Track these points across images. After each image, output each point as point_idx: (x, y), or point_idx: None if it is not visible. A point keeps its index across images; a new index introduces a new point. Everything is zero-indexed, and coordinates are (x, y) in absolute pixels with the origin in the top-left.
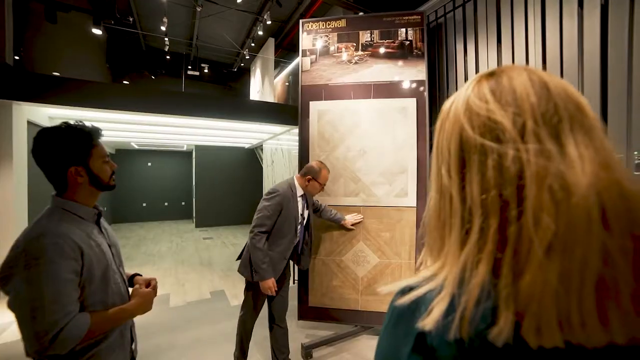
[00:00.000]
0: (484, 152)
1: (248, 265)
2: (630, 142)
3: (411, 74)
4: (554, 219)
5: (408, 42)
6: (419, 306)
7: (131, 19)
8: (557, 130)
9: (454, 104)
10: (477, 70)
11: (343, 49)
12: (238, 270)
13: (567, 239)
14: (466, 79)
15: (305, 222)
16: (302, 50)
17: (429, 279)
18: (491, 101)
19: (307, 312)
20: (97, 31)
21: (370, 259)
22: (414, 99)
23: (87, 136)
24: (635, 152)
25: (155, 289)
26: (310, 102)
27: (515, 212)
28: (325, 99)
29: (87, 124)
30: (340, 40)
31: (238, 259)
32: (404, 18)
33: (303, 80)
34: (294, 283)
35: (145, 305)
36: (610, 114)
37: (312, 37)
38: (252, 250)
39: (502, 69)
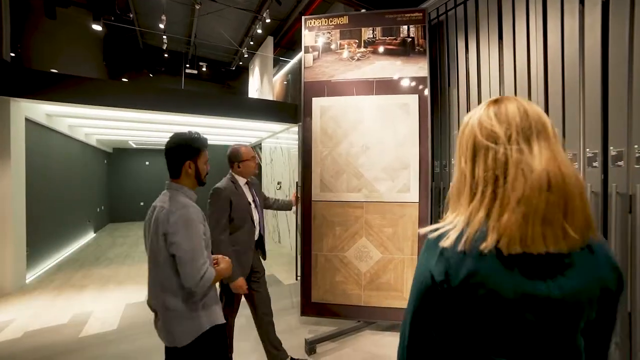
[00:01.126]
0: (487, 149)
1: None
2: (630, 137)
3: (412, 70)
4: (522, 186)
5: (410, 39)
6: (442, 236)
7: (131, 16)
8: (529, 138)
9: (471, 118)
10: (478, 67)
11: (345, 46)
12: None
13: (529, 196)
14: (467, 76)
15: (259, 209)
16: (305, 46)
17: (448, 223)
18: (494, 120)
19: (310, 308)
20: (97, 27)
21: (373, 254)
22: (416, 96)
23: (201, 143)
24: (636, 146)
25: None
26: (313, 99)
27: (502, 182)
28: (327, 95)
29: (201, 135)
30: (342, 37)
31: None
32: (406, 15)
33: (305, 77)
34: (296, 279)
35: (229, 270)
36: (611, 110)
37: (314, 33)
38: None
39: (501, 99)
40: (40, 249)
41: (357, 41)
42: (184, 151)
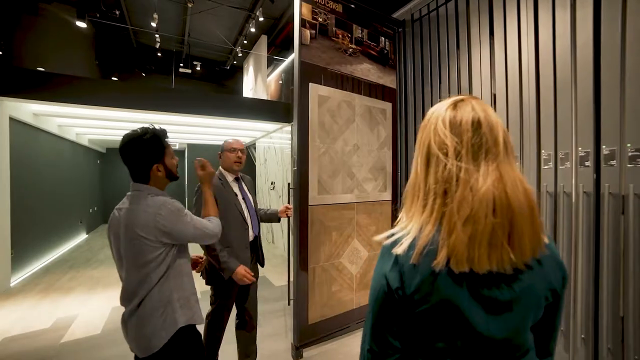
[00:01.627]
0: (439, 160)
1: (213, 269)
2: (623, 134)
3: (388, 80)
4: (468, 207)
5: (386, 51)
6: (395, 243)
7: (117, 12)
8: (477, 157)
9: (433, 114)
10: (469, 65)
11: (340, 36)
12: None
13: (475, 218)
14: (459, 74)
15: (250, 206)
16: (300, 19)
17: (403, 229)
18: (447, 129)
19: (306, 334)
20: (81, 24)
21: (362, 254)
22: (390, 104)
23: (162, 139)
24: (629, 145)
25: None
26: (311, 84)
27: (450, 199)
28: (324, 84)
29: (156, 126)
30: (338, 25)
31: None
32: (383, 28)
33: (302, 56)
34: (289, 304)
35: (209, 169)
36: (604, 107)
37: (311, 7)
38: (208, 256)
39: (462, 103)
40: (27, 251)
41: (349, 35)
42: (148, 155)
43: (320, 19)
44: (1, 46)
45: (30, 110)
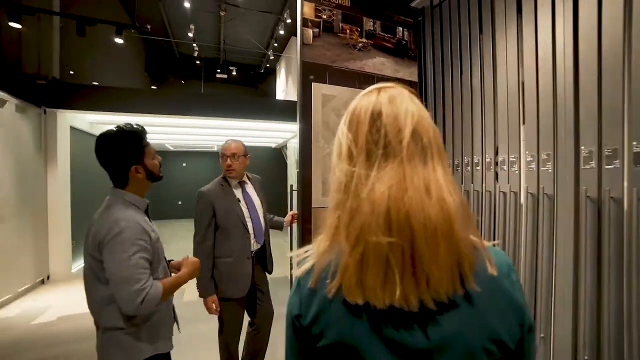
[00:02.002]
0: (334, 166)
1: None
2: None
3: (406, 74)
4: (360, 222)
5: (404, 42)
6: (302, 262)
7: (149, 27)
8: (371, 155)
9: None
10: (494, 52)
11: (348, 31)
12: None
13: (365, 237)
14: (481, 62)
15: (253, 213)
16: (303, 18)
17: (312, 247)
18: (346, 126)
19: None
20: (119, 40)
21: None
22: None
23: (140, 138)
24: None
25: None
26: (313, 84)
27: (341, 213)
28: (329, 83)
29: (134, 125)
30: (344, 20)
31: None
32: (401, 17)
33: (304, 56)
34: None
35: (194, 272)
36: (634, 99)
37: (314, 6)
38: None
39: (368, 94)
40: None
41: (359, 29)
42: (126, 156)
43: (324, 16)
44: (66, 67)
45: (88, 119)
